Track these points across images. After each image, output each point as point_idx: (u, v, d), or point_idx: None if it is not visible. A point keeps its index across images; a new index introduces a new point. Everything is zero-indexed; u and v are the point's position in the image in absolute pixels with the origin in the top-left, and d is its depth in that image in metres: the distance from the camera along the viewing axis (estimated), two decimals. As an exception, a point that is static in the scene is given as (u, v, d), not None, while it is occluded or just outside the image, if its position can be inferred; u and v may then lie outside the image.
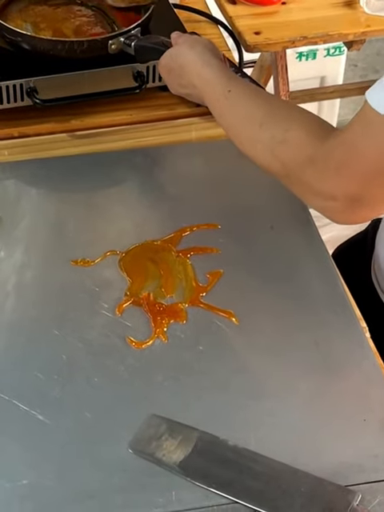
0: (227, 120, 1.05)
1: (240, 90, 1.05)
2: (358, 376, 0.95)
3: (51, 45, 1.21)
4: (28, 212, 1.14)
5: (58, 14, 1.32)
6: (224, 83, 1.05)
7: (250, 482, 0.85)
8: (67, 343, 0.98)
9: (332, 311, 1.02)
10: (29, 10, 1.32)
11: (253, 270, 1.07)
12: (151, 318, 1.01)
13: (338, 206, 0.88)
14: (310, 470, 0.86)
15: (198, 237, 1.11)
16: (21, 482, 0.85)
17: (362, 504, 0.83)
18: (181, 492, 0.85)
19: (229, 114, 1.04)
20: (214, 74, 1.06)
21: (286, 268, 1.07)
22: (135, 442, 0.88)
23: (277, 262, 1.08)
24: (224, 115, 1.06)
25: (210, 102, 1.08)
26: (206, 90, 1.08)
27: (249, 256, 1.09)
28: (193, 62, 1.09)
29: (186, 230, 1.11)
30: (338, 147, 0.87)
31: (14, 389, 0.93)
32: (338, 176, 0.87)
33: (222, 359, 0.97)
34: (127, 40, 1.22)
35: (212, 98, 1.07)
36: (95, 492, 0.84)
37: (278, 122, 0.96)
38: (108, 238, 1.11)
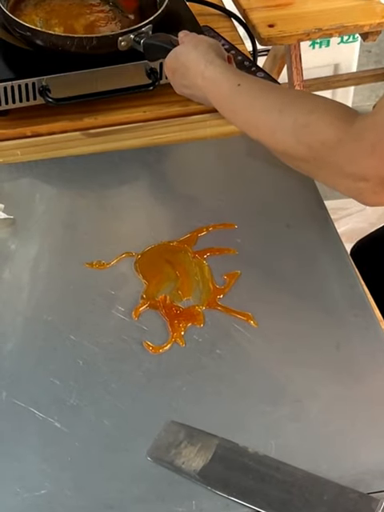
0: (241, 114, 1.03)
1: (251, 82, 1.02)
2: (380, 379, 0.94)
3: (60, 40, 1.19)
4: (41, 212, 1.13)
5: (73, 8, 1.30)
6: (231, 79, 1.03)
7: (272, 490, 0.84)
8: (83, 348, 0.97)
9: (352, 312, 1.00)
10: (45, 4, 1.30)
11: (270, 271, 1.05)
12: (168, 321, 0.99)
13: (370, 187, 0.87)
14: (332, 477, 0.85)
15: (214, 237, 1.09)
16: (39, 491, 0.84)
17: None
18: (201, 501, 0.84)
19: (242, 107, 1.02)
20: (218, 72, 1.04)
21: (304, 268, 1.06)
22: (154, 449, 0.87)
23: (294, 261, 1.06)
24: (237, 110, 1.03)
25: (217, 101, 1.06)
26: (211, 89, 1.05)
27: (266, 256, 1.07)
28: (196, 62, 1.07)
29: (203, 230, 1.10)
30: (369, 129, 0.86)
31: (30, 396, 0.92)
32: (370, 157, 0.86)
33: (240, 363, 0.96)
34: (137, 37, 1.20)
35: (219, 97, 1.05)
36: (114, 502, 0.83)
37: (299, 107, 0.94)
38: (122, 238, 1.10)
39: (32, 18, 1.27)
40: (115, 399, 0.92)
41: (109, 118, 1.27)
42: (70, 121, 1.26)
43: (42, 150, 1.23)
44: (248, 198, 1.16)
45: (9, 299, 1.02)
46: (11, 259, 1.07)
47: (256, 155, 1.23)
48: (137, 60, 1.24)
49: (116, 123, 1.27)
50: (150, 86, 1.25)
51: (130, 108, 1.28)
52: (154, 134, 1.26)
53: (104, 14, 1.30)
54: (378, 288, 1.07)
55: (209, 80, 1.05)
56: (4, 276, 1.05)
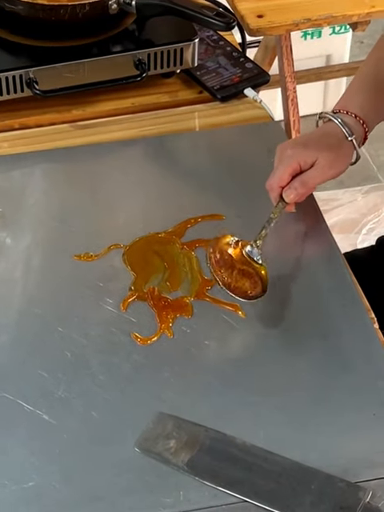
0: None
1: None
2: (367, 368, 0.94)
3: (54, 10, 1.19)
4: (30, 205, 1.13)
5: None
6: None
7: (260, 480, 0.84)
8: (71, 340, 0.97)
9: (340, 303, 1.00)
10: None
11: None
12: (156, 312, 0.99)
13: None
14: (319, 466, 0.85)
15: (202, 228, 1.09)
16: (27, 484, 0.84)
17: (372, 500, 0.82)
18: (189, 492, 0.84)
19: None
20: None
21: (292, 259, 1.06)
22: (142, 440, 0.87)
23: (282, 253, 1.07)
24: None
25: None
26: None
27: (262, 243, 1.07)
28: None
29: (191, 221, 1.10)
30: None
31: (18, 388, 0.92)
32: None
33: (228, 354, 0.96)
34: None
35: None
36: (102, 493, 0.83)
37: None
38: (111, 230, 1.10)
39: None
40: (103, 391, 0.92)
41: (97, 110, 1.27)
42: (57, 113, 1.26)
43: (29, 142, 1.22)
44: (237, 190, 1.15)
45: (1, 294, 1.02)
46: (1, 252, 1.06)
47: (245, 147, 1.23)
48: (125, 51, 1.24)
49: (104, 115, 1.27)
50: (138, 77, 1.25)
51: (119, 99, 1.28)
52: (143, 126, 1.26)
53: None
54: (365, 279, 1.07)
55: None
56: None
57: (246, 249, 1.02)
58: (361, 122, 1.07)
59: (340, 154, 1.05)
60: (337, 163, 1.05)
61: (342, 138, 1.06)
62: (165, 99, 1.29)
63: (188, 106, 1.29)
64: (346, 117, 1.07)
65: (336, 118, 1.07)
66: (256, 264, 1.02)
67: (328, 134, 1.07)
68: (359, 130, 1.07)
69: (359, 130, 1.08)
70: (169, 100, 1.29)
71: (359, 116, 1.07)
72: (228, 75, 1.31)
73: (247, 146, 1.23)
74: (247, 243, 1.03)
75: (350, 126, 1.06)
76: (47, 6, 1.20)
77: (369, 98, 1.09)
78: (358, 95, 1.10)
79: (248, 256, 1.02)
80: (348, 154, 1.07)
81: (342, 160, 1.06)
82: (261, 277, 1.01)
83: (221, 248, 1.02)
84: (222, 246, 1.02)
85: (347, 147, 1.06)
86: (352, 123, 1.07)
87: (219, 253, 1.01)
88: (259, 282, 1.01)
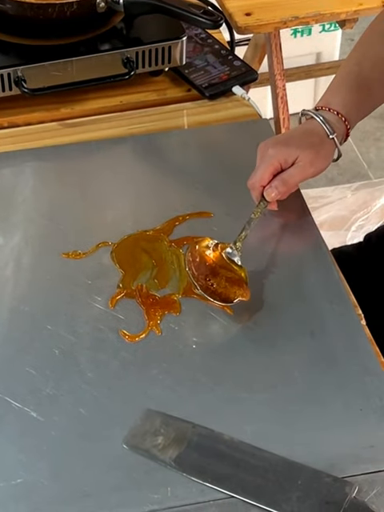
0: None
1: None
2: (354, 365, 0.94)
3: (42, 9, 1.19)
4: (20, 203, 1.13)
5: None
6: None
7: (247, 476, 0.85)
8: (60, 338, 0.97)
9: (327, 299, 1.01)
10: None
11: (246, 259, 1.05)
12: (144, 310, 1.00)
13: None
14: (306, 462, 0.85)
15: (190, 226, 1.10)
16: (15, 481, 0.84)
17: (359, 495, 0.83)
18: (176, 488, 0.84)
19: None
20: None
21: (280, 256, 1.06)
22: (130, 437, 0.88)
23: (270, 250, 1.07)
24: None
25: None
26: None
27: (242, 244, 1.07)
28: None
29: (179, 219, 1.10)
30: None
31: (6, 385, 0.92)
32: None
33: (216, 351, 0.96)
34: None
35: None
36: (90, 490, 0.84)
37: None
38: (100, 228, 1.10)
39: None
40: (91, 388, 0.92)
41: (85, 108, 1.27)
42: (46, 111, 1.26)
43: (18, 140, 1.23)
44: (225, 187, 1.16)
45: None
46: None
47: (234, 144, 1.24)
48: (113, 49, 1.24)
49: (93, 113, 1.27)
50: (126, 75, 1.25)
51: (107, 98, 1.28)
52: (132, 124, 1.26)
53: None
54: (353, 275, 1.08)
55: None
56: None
57: (225, 251, 1.03)
58: (343, 119, 1.08)
59: (321, 152, 1.06)
60: (318, 161, 1.06)
61: (324, 136, 1.06)
62: (153, 97, 1.30)
63: (176, 104, 1.29)
64: (328, 114, 1.07)
65: (318, 115, 1.07)
66: (236, 266, 1.02)
67: (310, 131, 1.07)
68: (341, 127, 1.08)
69: (341, 128, 1.08)
70: (157, 98, 1.30)
71: (341, 113, 1.07)
72: (216, 73, 1.32)
73: (236, 143, 1.23)
74: (227, 246, 1.03)
75: (331, 123, 1.07)
76: (35, 4, 1.20)
77: (351, 96, 1.09)
78: (340, 92, 1.10)
79: (228, 258, 1.02)
80: (329, 152, 1.07)
81: (323, 158, 1.07)
82: (242, 280, 1.01)
83: (200, 252, 1.02)
84: (200, 250, 1.02)
85: (329, 145, 1.07)
86: (334, 120, 1.07)
87: (198, 256, 1.01)
88: (240, 286, 1.00)
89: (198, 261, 1.01)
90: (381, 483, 0.84)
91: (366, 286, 1.18)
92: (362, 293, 1.05)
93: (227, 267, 1.02)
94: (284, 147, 1.05)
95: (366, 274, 1.22)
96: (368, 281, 1.21)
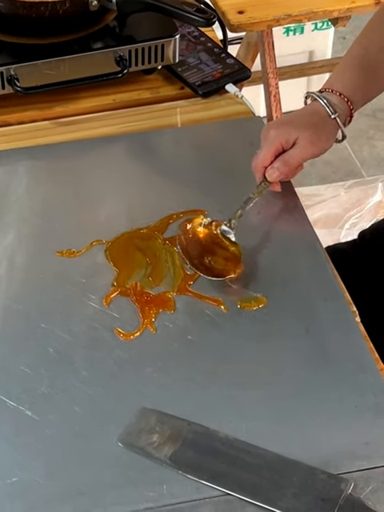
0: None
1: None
2: (349, 362, 0.95)
3: (34, 7, 1.19)
4: (13, 202, 1.13)
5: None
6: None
7: (242, 473, 0.85)
8: (54, 336, 0.97)
9: (321, 296, 1.01)
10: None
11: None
12: (139, 308, 1.00)
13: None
14: (301, 459, 0.86)
15: (184, 224, 1.10)
16: (10, 479, 0.84)
17: (354, 492, 0.83)
18: (172, 485, 0.84)
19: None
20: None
21: (274, 254, 1.06)
22: (125, 435, 0.88)
23: (264, 247, 1.07)
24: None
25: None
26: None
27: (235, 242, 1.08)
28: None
29: (173, 216, 1.10)
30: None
31: (1, 384, 0.92)
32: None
33: (211, 348, 0.96)
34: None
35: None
36: (86, 488, 0.84)
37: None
38: (94, 227, 1.10)
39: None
40: (86, 387, 0.92)
41: (78, 107, 1.27)
42: (39, 110, 1.26)
43: (11, 139, 1.23)
44: (219, 185, 1.16)
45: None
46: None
47: (227, 142, 1.24)
48: (106, 47, 1.24)
49: (86, 112, 1.27)
50: (119, 73, 1.25)
51: (100, 96, 1.28)
52: (125, 122, 1.26)
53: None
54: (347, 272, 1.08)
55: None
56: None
57: (221, 228, 1.04)
58: (345, 100, 1.09)
59: (322, 132, 1.08)
60: (318, 141, 1.07)
61: (326, 117, 1.08)
62: (146, 95, 1.30)
63: (170, 102, 1.29)
64: (330, 95, 1.09)
65: (320, 97, 1.08)
66: (230, 243, 1.04)
67: (312, 112, 1.09)
68: (344, 108, 1.09)
69: (344, 109, 1.09)
70: (150, 96, 1.30)
71: (344, 94, 1.09)
72: (209, 71, 1.32)
73: (229, 141, 1.23)
74: (221, 223, 1.05)
75: (334, 104, 1.08)
76: (28, 2, 1.20)
77: (355, 78, 1.10)
78: (344, 75, 1.12)
79: (223, 235, 1.04)
80: (331, 132, 1.09)
81: (325, 138, 1.08)
82: (236, 256, 1.03)
83: (193, 229, 1.04)
84: (194, 227, 1.04)
85: (331, 125, 1.08)
86: (336, 102, 1.09)
87: (191, 233, 1.03)
88: (234, 262, 1.02)
89: (191, 237, 1.03)
90: (376, 480, 0.84)
91: (361, 283, 1.18)
92: (356, 290, 1.05)
93: (221, 244, 1.04)
94: (285, 128, 1.07)
95: (361, 271, 1.23)
96: (362, 278, 1.21)
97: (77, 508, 0.82)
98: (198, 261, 1.02)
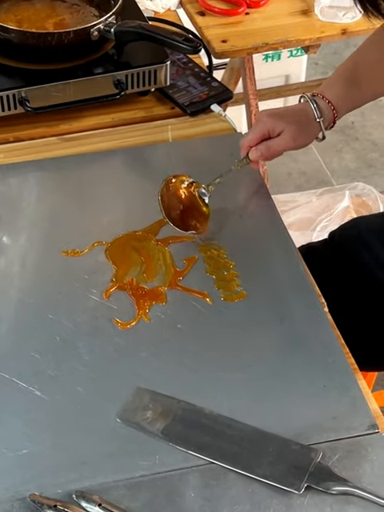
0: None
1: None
2: (318, 347, 0.95)
3: (42, 37, 1.19)
4: (24, 208, 1.13)
5: (39, 13, 1.29)
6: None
7: (225, 444, 0.85)
8: (60, 326, 0.97)
9: (294, 290, 1.01)
10: (11, 14, 1.29)
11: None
12: (135, 300, 1.00)
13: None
14: (277, 432, 0.86)
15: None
16: (21, 451, 0.85)
17: (323, 460, 0.83)
18: (163, 456, 0.84)
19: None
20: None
21: (252, 253, 1.06)
22: (122, 412, 0.88)
23: (243, 248, 1.07)
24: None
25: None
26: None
27: (220, 242, 1.08)
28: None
29: (164, 221, 1.10)
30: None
31: (13, 368, 0.92)
32: None
33: (198, 336, 0.96)
34: (107, 27, 1.21)
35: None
36: (88, 459, 0.84)
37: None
38: (95, 230, 1.10)
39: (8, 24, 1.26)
40: (88, 370, 0.92)
41: (81, 124, 1.27)
42: (47, 127, 1.26)
43: (23, 153, 1.22)
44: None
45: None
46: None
47: (212, 155, 1.23)
48: (105, 72, 1.24)
49: (88, 129, 1.27)
50: (117, 95, 1.25)
51: (100, 115, 1.28)
52: (122, 138, 1.26)
53: (68, 12, 1.30)
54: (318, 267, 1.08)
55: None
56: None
57: (199, 190, 1.08)
58: (331, 107, 1.11)
59: (305, 130, 1.10)
60: (300, 137, 1.10)
61: (311, 118, 1.10)
62: (141, 114, 1.30)
63: (162, 120, 1.29)
64: (320, 100, 1.11)
65: (312, 100, 1.10)
66: (203, 204, 1.08)
67: (301, 111, 1.11)
68: (329, 114, 1.11)
69: (329, 114, 1.11)
70: (145, 115, 1.30)
71: (331, 102, 1.11)
72: (196, 93, 1.32)
73: (214, 154, 1.23)
74: (200, 186, 1.08)
75: (321, 109, 1.10)
76: (36, 33, 1.20)
77: (343, 89, 1.12)
78: (335, 85, 1.13)
79: (199, 196, 1.07)
80: (313, 132, 1.11)
81: (306, 136, 1.11)
82: (205, 215, 1.07)
83: (175, 185, 1.07)
84: (176, 183, 1.07)
85: (313, 126, 1.10)
86: (324, 107, 1.11)
87: (172, 189, 1.06)
88: (201, 221, 1.07)
89: (171, 191, 1.06)
90: (342, 449, 0.85)
91: (330, 276, 1.19)
92: (326, 282, 1.05)
93: (196, 203, 1.07)
94: (275, 118, 1.10)
95: (330, 266, 1.23)
96: (332, 272, 1.22)
97: (80, 476, 0.83)
98: (171, 212, 1.05)
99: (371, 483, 0.82)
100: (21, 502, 0.80)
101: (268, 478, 0.82)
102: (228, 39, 1.59)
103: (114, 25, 1.22)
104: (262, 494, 0.81)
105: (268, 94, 2.29)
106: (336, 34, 1.63)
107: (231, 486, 0.81)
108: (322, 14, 1.63)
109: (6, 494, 0.81)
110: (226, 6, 1.66)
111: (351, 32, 1.64)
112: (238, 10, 1.64)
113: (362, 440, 0.85)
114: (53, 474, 0.83)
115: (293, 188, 2.39)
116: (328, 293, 1.03)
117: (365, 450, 0.84)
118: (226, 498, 0.81)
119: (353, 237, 1.24)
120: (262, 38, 1.59)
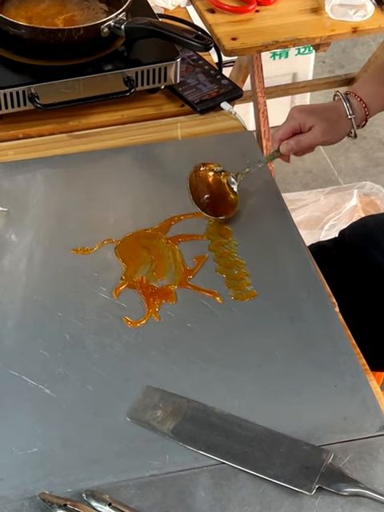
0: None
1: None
2: (329, 347, 0.95)
3: (52, 34, 1.19)
4: (33, 205, 1.13)
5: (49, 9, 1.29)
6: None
7: (235, 444, 0.85)
8: (70, 324, 0.97)
9: (305, 289, 1.01)
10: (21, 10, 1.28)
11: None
12: (144, 299, 0.99)
13: None
14: (287, 432, 0.86)
15: (185, 225, 1.09)
16: (31, 450, 0.84)
17: (334, 461, 0.83)
18: (174, 455, 0.84)
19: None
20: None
21: (263, 253, 1.06)
22: (132, 411, 0.88)
23: (254, 247, 1.07)
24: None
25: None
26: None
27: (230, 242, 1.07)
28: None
29: (175, 219, 1.10)
30: None
31: (23, 366, 0.92)
32: None
33: (208, 335, 0.96)
34: (117, 24, 1.20)
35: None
36: (97, 457, 0.84)
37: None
38: (104, 227, 1.10)
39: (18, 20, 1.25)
40: (98, 368, 0.92)
41: (91, 121, 1.26)
42: (56, 124, 1.25)
43: (32, 150, 1.22)
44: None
45: (7, 283, 1.02)
46: (7, 247, 1.06)
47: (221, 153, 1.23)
48: (115, 69, 1.24)
49: (97, 126, 1.26)
50: (127, 92, 1.25)
51: (110, 112, 1.28)
52: (131, 135, 1.25)
53: (78, 8, 1.29)
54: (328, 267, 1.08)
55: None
56: (1, 262, 1.04)
57: (228, 178, 1.10)
58: (363, 105, 1.11)
59: (335, 127, 1.11)
60: (328, 134, 1.10)
61: (343, 115, 1.11)
62: (151, 112, 1.29)
63: (171, 118, 1.29)
64: (353, 98, 1.12)
65: (345, 98, 1.11)
66: (232, 192, 1.09)
67: (332, 108, 1.12)
68: (361, 112, 1.12)
69: (361, 113, 1.12)
70: (154, 112, 1.29)
71: (363, 101, 1.11)
72: (206, 90, 1.31)
73: (223, 152, 1.23)
74: (230, 174, 1.10)
75: (353, 106, 1.11)
76: (46, 29, 1.20)
77: (375, 88, 1.13)
78: (368, 83, 1.15)
79: (227, 185, 1.09)
80: (343, 129, 1.12)
81: (336, 133, 1.12)
82: (233, 203, 1.09)
83: (205, 171, 1.09)
84: (206, 170, 1.10)
85: (344, 123, 1.11)
86: (356, 105, 1.11)
87: (202, 175, 1.09)
88: (229, 207, 1.08)
89: (201, 178, 1.09)
90: (353, 451, 0.84)
91: (341, 275, 1.18)
92: (337, 282, 1.05)
93: (224, 190, 1.09)
94: (306, 114, 1.11)
95: (341, 265, 1.23)
96: (342, 271, 1.21)
97: (89, 475, 0.82)
98: (200, 199, 1.07)
99: (382, 484, 0.81)
100: (30, 500, 0.80)
101: (279, 479, 0.81)
102: (238, 37, 1.58)
103: (124, 21, 1.21)
104: (272, 494, 0.81)
105: (275, 92, 2.28)
106: (346, 32, 1.63)
107: (242, 487, 0.81)
108: (333, 12, 1.63)
109: (16, 492, 0.81)
110: (236, 3, 1.66)
111: (362, 30, 1.63)
112: (248, 7, 1.64)
113: (374, 441, 0.85)
114: (62, 473, 0.83)
115: (299, 186, 2.38)
116: (339, 292, 1.02)
117: (376, 452, 0.84)
118: (236, 498, 0.80)
119: (363, 235, 1.23)
120: (271, 36, 1.59)
